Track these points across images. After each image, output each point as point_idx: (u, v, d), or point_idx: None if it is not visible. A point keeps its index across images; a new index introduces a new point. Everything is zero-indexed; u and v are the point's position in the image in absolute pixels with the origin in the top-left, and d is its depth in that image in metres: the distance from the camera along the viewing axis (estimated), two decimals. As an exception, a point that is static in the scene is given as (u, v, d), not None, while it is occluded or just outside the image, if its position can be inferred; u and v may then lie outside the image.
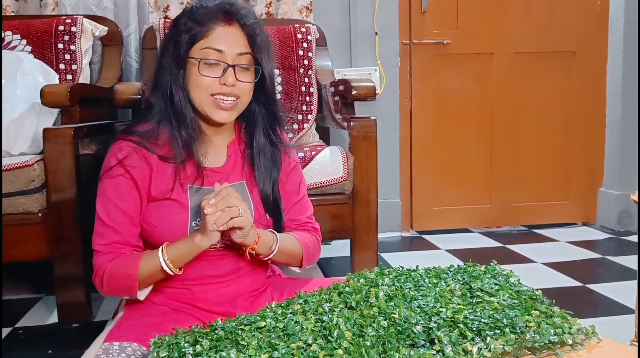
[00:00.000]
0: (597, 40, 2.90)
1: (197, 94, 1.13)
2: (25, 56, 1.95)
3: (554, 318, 0.96)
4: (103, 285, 1.10)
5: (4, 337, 1.68)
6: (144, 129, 1.15)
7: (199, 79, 1.11)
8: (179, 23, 1.16)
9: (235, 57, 1.12)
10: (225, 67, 1.11)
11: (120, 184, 1.11)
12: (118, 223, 1.10)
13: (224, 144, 1.22)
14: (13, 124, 1.73)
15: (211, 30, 1.12)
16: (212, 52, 1.11)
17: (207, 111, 1.13)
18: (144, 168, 1.12)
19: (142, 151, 1.12)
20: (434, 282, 1.14)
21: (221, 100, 1.12)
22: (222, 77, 1.11)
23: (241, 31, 1.14)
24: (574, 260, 2.38)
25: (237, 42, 1.13)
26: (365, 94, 1.87)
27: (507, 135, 2.93)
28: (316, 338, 0.92)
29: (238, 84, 1.12)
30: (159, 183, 1.12)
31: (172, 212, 1.12)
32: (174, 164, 1.13)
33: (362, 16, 2.71)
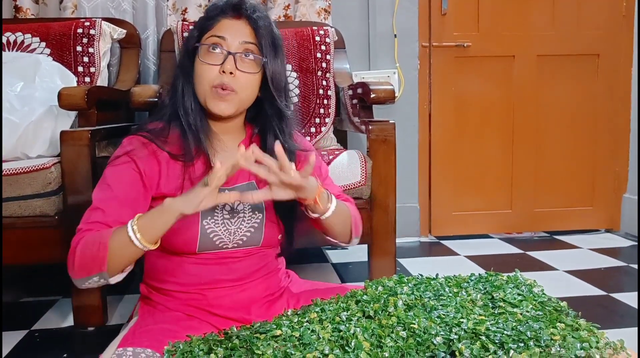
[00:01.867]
0: (622, 43, 2.84)
1: (199, 85, 1.13)
2: (44, 59, 1.95)
3: (580, 332, 0.92)
4: (75, 260, 1.03)
5: (20, 339, 1.68)
6: (155, 127, 1.16)
7: (200, 67, 1.12)
8: (196, 23, 1.19)
9: (238, 46, 1.12)
10: (226, 54, 1.11)
11: (122, 172, 1.09)
12: (109, 206, 1.05)
13: (234, 144, 1.20)
14: (31, 127, 1.72)
15: (218, 22, 1.14)
16: (214, 39, 1.12)
17: (207, 102, 1.12)
18: (152, 163, 1.11)
19: (152, 146, 1.12)
20: (455, 291, 1.11)
21: (219, 90, 1.10)
22: (222, 64, 1.10)
23: (248, 24, 1.14)
24: (598, 267, 2.32)
25: (241, 33, 1.13)
26: (384, 97, 1.84)
27: (529, 139, 2.87)
28: (333, 349, 0.90)
29: (238, 75, 1.11)
30: (169, 181, 1.11)
31: None
32: (183, 162, 1.12)
33: (381, 18, 2.68)
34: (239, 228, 1.14)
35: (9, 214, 1.61)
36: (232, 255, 1.15)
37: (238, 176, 1.17)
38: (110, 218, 1.04)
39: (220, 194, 0.99)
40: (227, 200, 0.99)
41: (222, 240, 1.13)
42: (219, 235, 1.12)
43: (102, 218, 1.04)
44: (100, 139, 1.80)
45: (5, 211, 1.60)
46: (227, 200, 0.99)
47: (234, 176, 1.16)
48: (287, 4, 2.50)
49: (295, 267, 1.38)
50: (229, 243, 1.13)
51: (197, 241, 1.11)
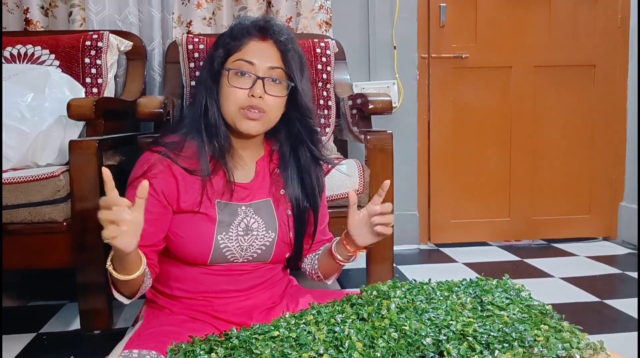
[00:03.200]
0: (618, 54, 2.89)
1: (227, 106, 1.15)
2: (54, 70, 2.01)
3: (562, 333, 0.97)
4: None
5: (29, 342, 1.73)
6: (170, 141, 1.18)
7: (228, 90, 1.14)
8: (219, 41, 1.20)
9: (266, 71, 1.15)
10: (254, 79, 1.14)
11: None
12: None
13: (253, 161, 1.24)
14: (41, 136, 1.78)
15: (245, 45, 1.16)
16: (243, 63, 1.14)
17: (235, 122, 1.15)
18: (168, 179, 1.14)
19: (168, 162, 1.14)
20: (446, 295, 1.15)
21: (248, 111, 1.14)
22: (251, 88, 1.13)
23: (274, 47, 1.17)
24: (593, 275, 2.36)
25: (269, 56, 1.16)
26: (381, 108, 1.90)
27: (527, 149, 2.92)
28: (327, 349, 0.94)
29: (266, 98, 1.14)
30: (188, 196, 1.14)
31: (199, 225, 1.14)
32: (201, 178, 1.15)
33: (381, 30, 2.74)
34: (251, 245, 1.18)
35: (19, 220, 1.66)
36: (241, 268, 1.20)
37: (256, 193, 1.21)
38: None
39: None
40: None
41: (234, 254, 1.17)
42: (231, 250, 1.16)
43: None
44: (108, 149, 1.85)
45: (16, 218, 1.66)
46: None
47: (252, 193, 1.21)
48: (289, 17, 2.56)
49: (297, 274, 1.42)
50: (239, 258, 1.18)
51: (210, 254, 1.15)
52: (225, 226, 1.15)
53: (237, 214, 1.17)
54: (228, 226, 1.16)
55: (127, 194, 1.15)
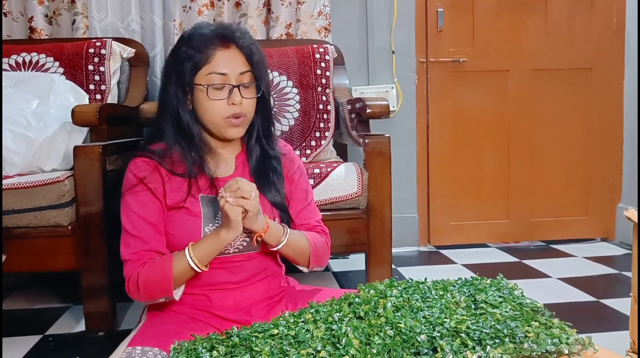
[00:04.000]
0: (613, 57, 2.92)
1: (210, 117, 1.21)
2: (58, 78, 2.05)
3: (552, 329, 1.00)
4: (139, 290, 1.15)
5: (35, 343, 1.76)
6: (157, 148, 1.25)
7: (209, 104, 1.20)
8: (179, 51, 1.22)
9: (238, 77, 1.20)
10: (230, 89, 1.19)
11: (143, 198, 1.19)
12: (143, 232, 1.18)
13: (232, 156, 1.31)
14: (46, 142, 1.82)
15: (212, 56, 1.19)
16: (216, 76, 1.19)
17: (221, 131, 1.22)
18: (159, 182, 1.21)
19: (156, 166, 1.22)
20: (441, 294, 1.18)
21: (234, 120, 1.21)
22: (229, 98, 1.19)
23: (239, 52, 1.22)
24: (590, 275, 2.39)
25: (237, 64, 1.21)
26: (379, 112, 1.93)
27: (524, 151, 2.95)
28: (325, 346, 0.97)
29: (244, 102, 1.21)
30: (173, 194, 1.21)
31: (186, 219, 1.20)
32: (187, 179, 1.21)
33: (380, 35, 2.78)
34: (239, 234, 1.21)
35: (25, 224, 1.70)
36: (234, 259, 1.23)
37: None
38: (150, 244, 1.18)
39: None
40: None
41: None
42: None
43: (144, 246, 1.18)
44: (111, 154, 1.89)
45: (21, 222, 1.70)
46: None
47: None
48: (289, 23, 2.60)
49: (297, 275, 1.46)
50: (230, 248, 1.21)
51: None
52: (210, 217, 1.21)
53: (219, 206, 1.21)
54: (214, 217, 1.21)
55: (124, 199, 1.21)
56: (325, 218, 1.41)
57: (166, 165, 1.22)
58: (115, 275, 1.43)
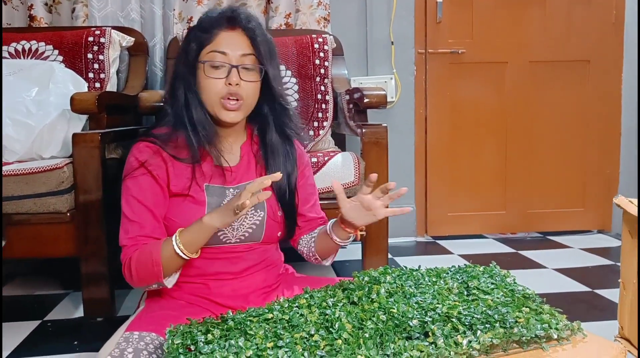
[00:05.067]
0: (612, 49, 2.93)
1: (207, 97, 1.20)
2: (57, 66, 2.06)
3: (542, 315, 1.01)
4: (132, 275, 1.15)
5: (34, 329, 1.78)
6: (161, 132, 1.24)
7: (206, 81, 1.19)
8: (190, 35, 1.25)
9: (239, 59, 1.20)
10: (229, 68, 1.19)
11: (142, 183, 1.19)
12: (142, 218, 1.17)
13: (237, 146, 1.30)
14: (46, 130, 1.83)
15: (216, 36, 1.20)
16: (216, 54, 1.19)
17: (216, 112, 1.21)
18: (162, 167, 1.20)
19: (159, 150, 1.21)
20: (433, 281, 1.20)
21: (228, 102, 1.19)
22: (227, 77, 1.18)
23: (244, 34, 1.21)
24: (585, 266, 2.41)
25: (239, 45, 1.21)
26: (376, 102, 1.94)
27: (522, 143, 2.96)
28: (318, 330, 0.98)
29: (243, 84, 1.19)
30: (177, 180, 1.20)
31: (190, 208, 1.20)
32: (191, 164, 1.21)
33: (379, 26, 2.78)
34: (242, 225, 1.23)
35: (24, 211, 1.71)
36: (235, 250, 1.24)
37: (242, 176, 1.26)
38: (147, 229, 1.17)
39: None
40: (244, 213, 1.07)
41: (226, 235, 1.21)
42: (223, 230, 1.20)
43: (142, 231, 1.17)
44: (110, 142, 1.90)
45: (21, 208, 1.71)
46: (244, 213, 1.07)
47: (239, 176, 1.26)
48: (288, 13, 2.61)
49: (295, 264, 1.47)
50: (232, 238, 1.22)
51: None
52: (214, 207, 1.20)
53: (225, 196, 1.22)
54: (218, 207, 1.20)
55: (124, 184, 1.21)
56: (321, 207, 1.43)
57: (169, 150, 1.21)
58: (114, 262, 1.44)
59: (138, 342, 1.06)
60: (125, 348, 1.03)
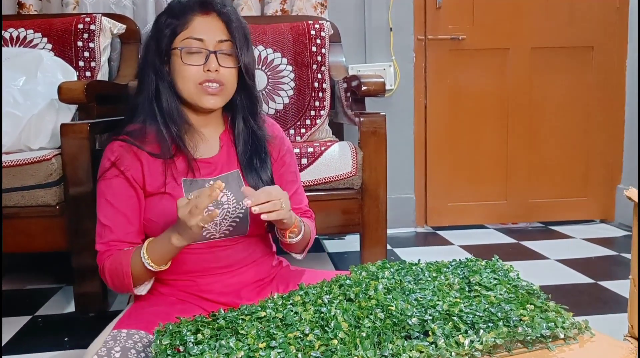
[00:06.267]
0: (616, 35, 2.86)
1: (185, 84, 1.15)
2: (46, 54, 2.01)
3: (548, 313, 0.97)
4: (107, 282, 1.15)
5: (24, 324, 1.74)
6: (132, 129, 1.19)
7: (183, 68, 1.14)
8: (159, 21, 1.19)
9: (216, 44, 1.15)
10: (207, 54, 1.14)
11: (115, 185, 1.15)
12: (114, 222, 1.14)
13: (215, 136, 1.25)
14: (33, 120, 1.78)
15: (190, 22, 1.15)
16: (193, 41, 1.14)
17: (196, 99, 1.16)
18: (136, 166, 1.15)
19: (132, 149, 1.16)
20: (434, 276, 1.16)
21: (208, 87, 1.15)
22: (205, 64, 1.14)
23: (219, 19, 1.17)
24: (588, 256, 2.36)
25: (216, 30, 1.16)
26: (374, 90, 1.89)
27: (524, 131, 2.91)
28: (313, 329, 0.94)
29: (222, 70, 1.15)
30: (152, 179, 1.16)
31: (167, 206, 1.15)
32: (164, 160, 1.16)
33: (377, 12, 2.72)
34: (224, 219, 1.18)
35: (12, 204, 1.67)
36: (220, 244, 1.20)
37: (222, 167, 1.21)
38: (120, 233, 1.14)
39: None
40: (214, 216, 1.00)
41: (209, 231, 1.17)
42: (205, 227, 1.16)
43: (114, 236, 1.14)
44: (101, 132, 1.85)
45: (9, 201, 1.66)
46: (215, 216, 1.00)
47: (218, 166, 1.21)
48: (283, -1, 2.54)
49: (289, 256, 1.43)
50: (215, 233, 1.18)
51: None
52: None
53: None
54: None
55: (98, 186, 1.17)
56: (318, 198, 1.39)
57: (144, 146, 1.16)
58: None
59: (126, 340, 1.03)
60: (112, 347, 1.00)
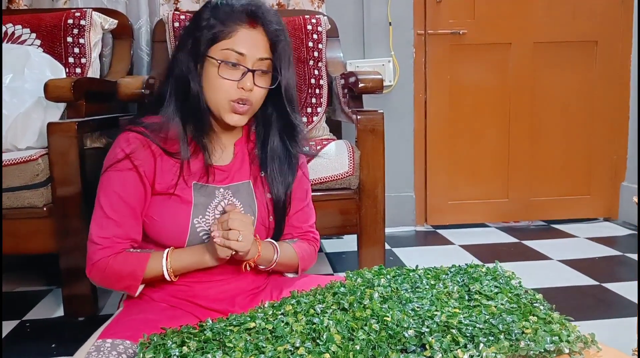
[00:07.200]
0: (620, 30, 2.80)
1: (215, 97, 1.11)
2: (34, 50, 1.95)
3: (552, 325, 0.92)
4: (101, 278, 1.10)
5: (11, 329, 1.70)
6: (152, 122, 1.13)
7: (217, 81, 1.09)
8: (201, 18, 1.12)
9: (256, 62, 1.10)
10: (244, 71, 1.09)
11: (127, 178, 1.10)
12: (121, 216, 1.09)
13: (231, 143, 1.21)
14: (20, 118, 1.73)
15: (234, 32, 1.09)
16: (233, 54, 1.09)
17: (221, 113, 1.12)
18: (149, 162, 1.11)
19: (148, 143, 1.11)
20: (432, 283, 1.11)
21: (237, 106, 1.11)
22: (240, 81, 1.09)
23: (264, 36, 1.11)
24: (592, 257, 2.31)
25: (259, 47, 1.11)
26: (372, 87, 1.83)
27: (526, 128, 2.85)
28: (304, 341, 0.90)
29: (255, 90, 1.11)
30: (163, 178, 1.11)
31: (174, 207, 1.11)
32: (180, 160, 1.11)
33: (376, 6, 2.66)
34: None
35: (-2, 205, 1.62)
36: None
37: (234, 175, 1.18)
38: (124, 228, 1.09)
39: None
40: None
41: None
42: (209, 233, 1.12)
43: (118, 231, 1.09)
44: (90, 131, 1.80)
45: (-5, 203, 1.62)
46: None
47: (231, 175, 1.17)
48: (280, -8, 2.49)
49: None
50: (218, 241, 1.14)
51: (187, 238, 1.11)
52: (201, 208, 1.12)
53: (214, 197, 1.14)
54: (204, 208, 1.12)
55: (106, 175, 1.11)
56: (314, 199, 1.35)
57: (160, 142, 1.11)
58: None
59: (110, 352, 0.98)
60: (95, 359, 0.95)
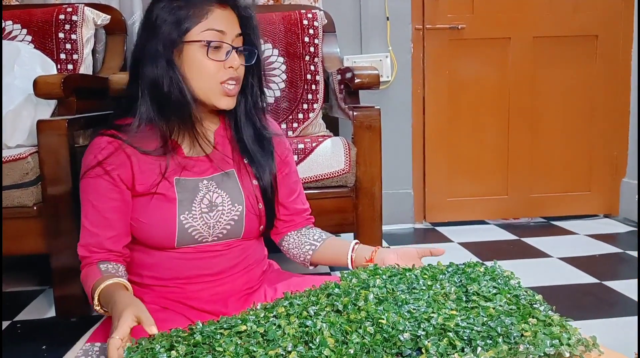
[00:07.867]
0: (621, 24, 2.77)
1: (204, 81, 1.07)
2: (24, 47, 1.92)
3: (552, 327, 0.89)
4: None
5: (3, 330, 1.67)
6: (125, 123, 1.10)
7: (204, 65, 1.06)
8: (165, 7, 1.08)
9: (234, 39, 1.08)
10: (229, 50, 1.07)
11: (99, 186, 1.07)
12: (95, 226, 1.08)
13: (210, 132, 1.18)
14: (10, 116, 1.70)
15: (209, 12, 1.06)
16: (214, 33, 1.06)
17: (212, 98, 1.09)
18: (125, 165, 1.08)
19: (122, 145, 1.08)
20: (429, 284, 1.08)
21: (228, 87, 1.08)
22: (227, 60, 1.06)
23: (233, 13, 1.10)
24: (592, 254, 2.28)
25: (233, 24, 1.09)
26: (368, 82, 1.80)
27: (525, 123, 2.83)
28: (296, 345, 0.87)
29: (240, 67, 1.09)
30: (143, 178, 1.08)
31: (159, 207, 1.08)
32: (158, 157, 1.08)
33: (373, 0, 2.63)
34: (219, 222, 1.11)
35: (-14, 205, 1.59)
36: (212, 248, 1.13)
37: (219, 163, 1.15)
38: (99, 238, 1.08)
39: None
40: None
41: (201, 234, 1.10)
42: (198, 229, 1.09)
43: (93, 240, 1.09)
44: (83, 128, 1.77)
45: (-17, 202, 1.59)
46: None
47: (213, 165, 1.14)
48: (275, -13, 2.45)
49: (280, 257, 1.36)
50: (208, 236, 1.11)
51: (176, 237, 1.08)
52: (186, 204, 1.09)
53: (198, 190, 1.11)
54: (190, 204, 1.09)
55: (81, 184, 1.10)
56: (309, 197, 1.33)
57: (135, 142, 1.08)
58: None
59: (98, 356, 0.98)
60: (83, 365, 0.93)
